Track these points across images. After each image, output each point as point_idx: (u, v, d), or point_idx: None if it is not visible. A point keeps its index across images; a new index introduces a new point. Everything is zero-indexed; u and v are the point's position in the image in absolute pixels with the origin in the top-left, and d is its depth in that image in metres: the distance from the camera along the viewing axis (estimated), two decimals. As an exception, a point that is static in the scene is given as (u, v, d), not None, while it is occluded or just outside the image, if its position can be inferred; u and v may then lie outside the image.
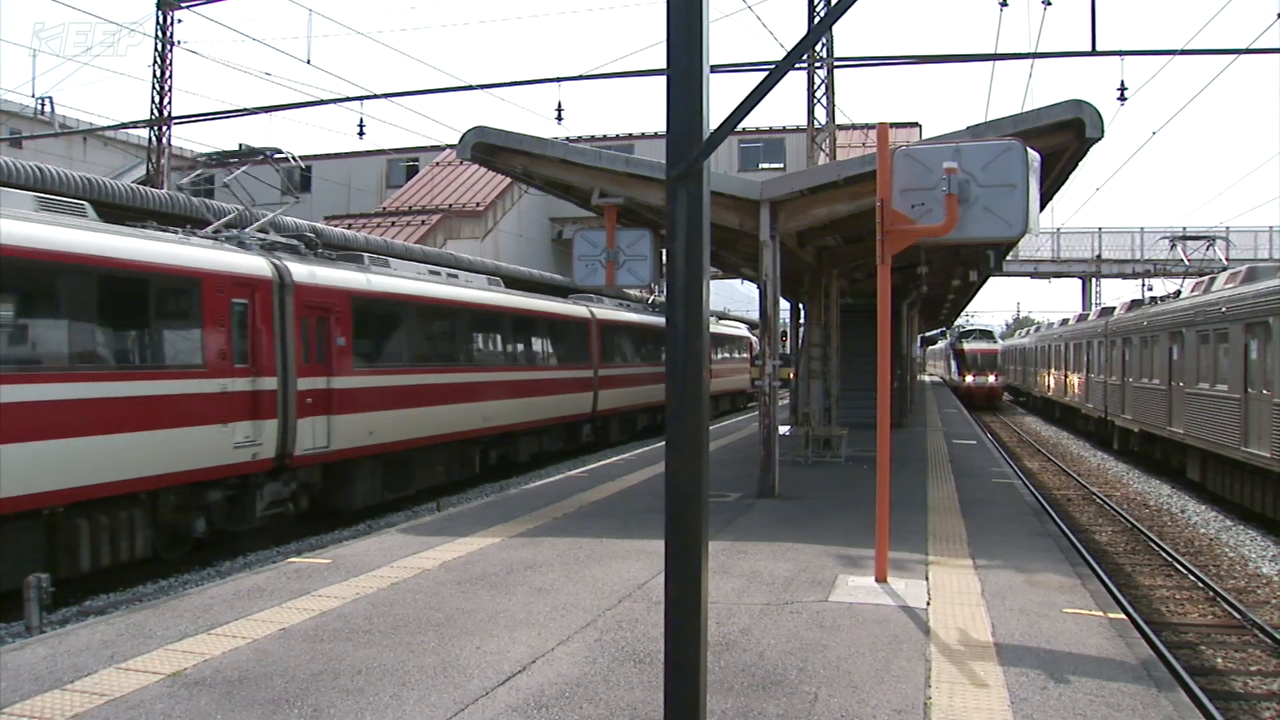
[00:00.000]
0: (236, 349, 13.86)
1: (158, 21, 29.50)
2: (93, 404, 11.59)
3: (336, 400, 15.76)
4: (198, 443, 13.03)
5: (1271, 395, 16.22)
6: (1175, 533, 17.67)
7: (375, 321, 17.47)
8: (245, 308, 14.09)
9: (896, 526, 10.26)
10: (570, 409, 25.71)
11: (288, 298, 14.87)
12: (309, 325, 15.34)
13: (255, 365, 14.14)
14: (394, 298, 17.96)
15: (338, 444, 15.78)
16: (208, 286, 13.43)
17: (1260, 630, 11.29)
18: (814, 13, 24.52)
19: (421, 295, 18.90)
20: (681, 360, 4.03)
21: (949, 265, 23.59)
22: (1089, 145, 12.56)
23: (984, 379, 54.30)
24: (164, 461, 12.53)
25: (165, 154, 30.91)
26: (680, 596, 4.06)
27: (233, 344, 13.78)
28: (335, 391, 15.78)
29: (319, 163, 49.59)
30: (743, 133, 43.24)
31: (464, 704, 6.00)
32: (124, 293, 12.40)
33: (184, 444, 12.79)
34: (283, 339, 14.72)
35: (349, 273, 16.85)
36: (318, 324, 15.57)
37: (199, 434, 13.06)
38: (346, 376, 16.11)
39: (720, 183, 14.68)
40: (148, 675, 6.51)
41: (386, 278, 18.12)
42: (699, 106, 3.96)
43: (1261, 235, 48.02)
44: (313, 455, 15.25)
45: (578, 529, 11.94)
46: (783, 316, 29.33)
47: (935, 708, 5.98)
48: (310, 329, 15.37)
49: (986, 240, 10.52)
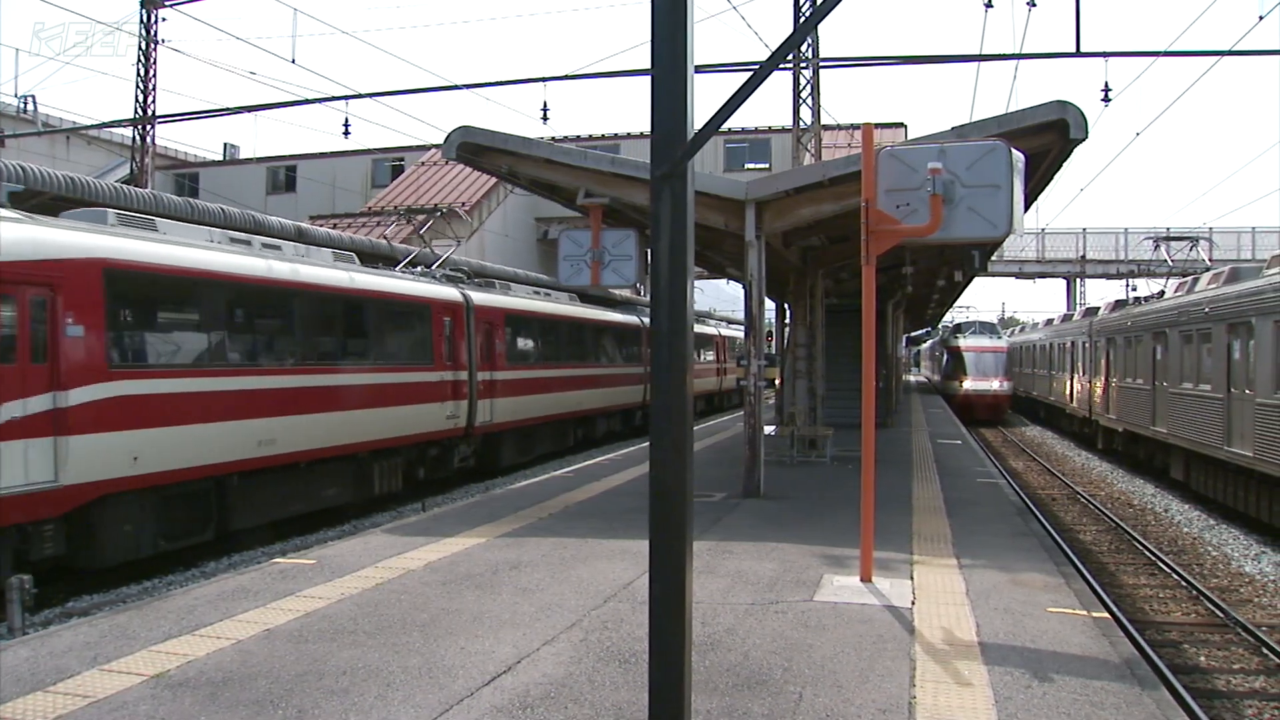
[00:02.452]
0: (447, 351, 19.50)
1: (141, 20, 29.36)
2: (389, 387, 17.44)
3: (498, 388, 21.50)
4: (429, 414, 18.79)
5: (1254, 395, 16.31)
6: (1159, 532, 17.75)
7: (517, 331, 23.28)
8: (450, 322, 19.77)
9: (881, 526, 10.27)
10: (626, 399, 31.14)
11: (470, 315, 20.53)
12: (481, 334, 20.91)
13: (456, 362, 19.80)
14: (526, 313, 23.92)
15: (497, 419, 21.44)
16: (434, 309, 19.31)
17: (1243, 629, 11.35)
18: (799, 13, 24.53)
19: (542, 311, 25.06)
20: (666, 360, 4.03)
21: (934, 265, 23.64)
22: (1073, 146, 12.60)
23: (987, 385, 43.08)
24: (413, 426, 18.21)
25: (149, 153, 30.75)
26: (664, 596, 4.06)
27: (445, 348, 19.46)
28: (497, 381, 21.50)
29: (304, 162, 49.52)
30: (728, 133, 43.26)
31: (449, 704, 5.99)
32: (401, 314, 18.59)
33: (424, 415, 18.60)
34: (469, 344, 20.31)
35: (499, 295, 22.81)
36: (486, 333, 21.18)
37: (430, 408, 18.78)
38: (503, 371, 21.85)
39: (705, 183, 14.69)
40: (131, 677, 6.49)
41: (518, 298, 23.92)
42: (683, 106, 3.97)
43: (1244, 236, 48.24)
44: (483, 427, 20.80)
45: (563, 529, 11.93)
46: (768, 316, 29.49)
47: (920, 707, 5.99)
48: (482, 337, 20.93)
49: (971, 240, 10.55)
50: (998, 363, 43.63)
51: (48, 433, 10.78)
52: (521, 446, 23.17)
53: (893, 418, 29.71)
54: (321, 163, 48.60)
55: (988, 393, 42.87)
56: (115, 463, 11.62)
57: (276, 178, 49.47)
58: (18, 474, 10.38)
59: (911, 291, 27.23)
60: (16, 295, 10.56)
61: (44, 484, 10.70)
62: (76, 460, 11.03)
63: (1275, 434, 15.45)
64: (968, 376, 43.26)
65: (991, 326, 50.01)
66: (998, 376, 43.28)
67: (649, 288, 4.27)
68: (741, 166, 43.90)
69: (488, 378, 20.96)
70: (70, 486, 11.00)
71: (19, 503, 10.42)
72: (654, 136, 3.99)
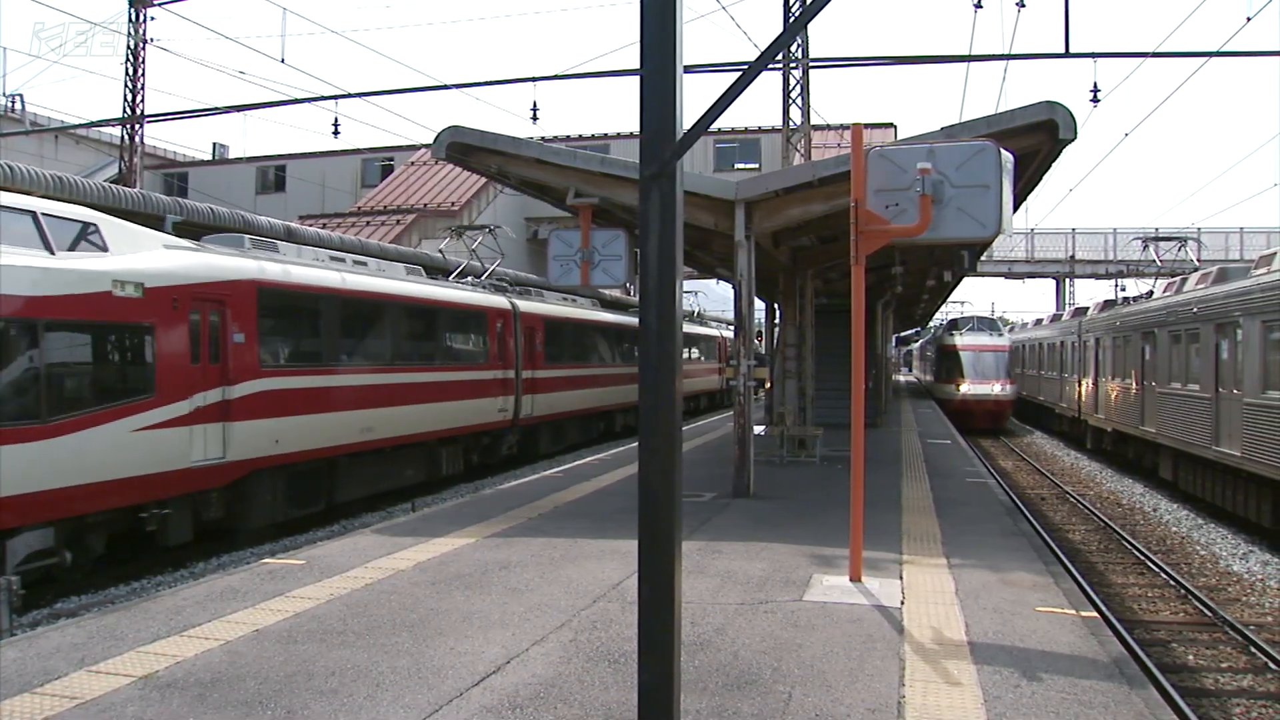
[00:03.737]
0: (499, 353, 22.37)
1: (130, 19, 29.27)
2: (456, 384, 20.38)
3: (538, 385, 24.29)
4: (486, 408, 21.76)
5: (1242, 395, 16.36)
6: (1147, 531, 17.80)
7: (553, 334, 25.74)
8: (501, 327, 22.61)
9: (871, 526, 10.29)
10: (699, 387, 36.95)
11: (517, 320, 23.39)
12: (525, 337, 23.71)
13: (505, 362, 22.62)
14: (560, 318, 26.68)
15: (537, 412, 24.29)
16: (490, 316, 22.27)
17: (1231, 628, 11.39)
18: (789, 13, 24.54)
19: (573, 316, 28.02)
20: (654, 360, 4.03)
21: (923, 265, 23.67)
22: (1062, 146, 12.61)
23: (987, 390, 37.72)
24: (474, 417, 21.16)
25: (138, 153, 30.65)
26: (653, 596, 4.06)
27: (498, 349, 22.34)
28: (537, 379, 24.32)
29: (293, 162, 49.40)
30: (718, 133, 43.29)
31: (438, 705, 5.98)
32: (465, 320, 21.49)
33: (482, 408, 21.57)
34: (515, 346, 23.10)
35: (537, 302, 25.51)
36: (528, 336, 23.92)
37: (486, 402, 21.77)
38: (542, 370, 24.63)
39: (695, 183, 14.69)
40: (119, 678, 6.46)
41: (553, 305, 26.71)
42: (672, 106, 3.96)
43: (1233, 236, 48.44)
44: (526, 419, 23.67)
45: (553, 529, 11.92)
46: (758, 316, 29.58)
47: (909, 706, 6.00)
48: (525, 339, 23.71)
49: (960, 240, 10.59)
50: (999, 363, 38.30)
51: (220, 419, 13.58)
52: (555, 437, 26.25)
53: (882, 418, 29.76)
54: (311, 162, 48.50)
55: (988, 398, 37.44)
56: (263, 444, 14.47)
57: (266, 177, 49.37)
58: (199, 451, 13.17)
59: (901, 291, 27.32)
60: (200, 310, 13.32)
61: (216, 460, 13.48)
62: (238, 441, 13.86)
63: (1263, 434, 15.51)
64: (965, 379, 38.05)
65: (991, 322, 43.49)
66: (999, 379, 37.95)
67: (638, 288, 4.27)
68: (731, 166, 43.91)
69: (530, 376, 23.89)
70: (233, 462, 13.84)
71: (202, 474, 13.27)
72: (643, 136, 3.99)
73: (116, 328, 12.13)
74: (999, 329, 42.15)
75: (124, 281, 12.06)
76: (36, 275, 10.89)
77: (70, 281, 11.32)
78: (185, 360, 13.04)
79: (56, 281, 11.15)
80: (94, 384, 11.85)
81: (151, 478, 12.36)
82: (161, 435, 12.52)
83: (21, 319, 10.75)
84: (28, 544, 10.88)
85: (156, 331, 12.53)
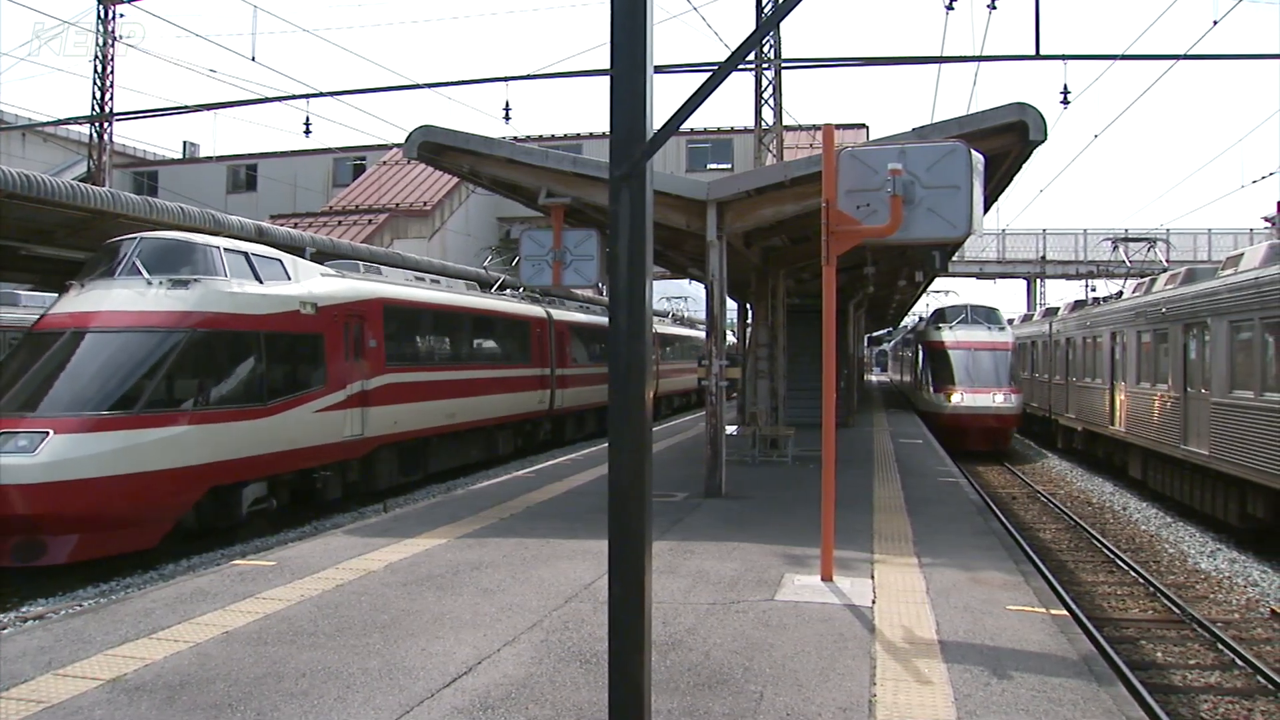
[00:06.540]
0: (539, 353, 26.74)
1: (98, 16, 29.02)
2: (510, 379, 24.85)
3: (566, 381, 28.66)
4: (531, 399, 26.14)
5: (1209, 395, 16.52)
6: (1117, 530, 17.95)
7: (576, 338, 30.46)
8: (542, 332, 27.22)
9: (842, 525, 10.31)
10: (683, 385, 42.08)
11: (551, 326, 28.01)
12: (557, 340, 28.15)
13: (543, 362, 27.04)
14: (582, 324, 31.23)
15: (566, 404, 28.77)
16: (532, 323, 26.83)
17: (1198, 625, 11.50)
18: (761, 13, 24.59)
19: (591, 322, 31.93)
20: (624, 360, 4.02)
21: (895, 266, 23.75)
22: (1032, 147, 12.68)
23: (986, 400, 29.57)
24: (521, 407, 25.60)
25: (107, 151, 30.40)
26: (624, 596, 4.05)
27: (538, 350, 26.73)
28: (567, 376, 28.77)
29: (264, 161, 49.10)
30: (690, 133, 43.37)
31: (409, 706, 5.96)
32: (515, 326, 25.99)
33: (528, 400, 26.00)
34: (551, 348, 27.55)
35: (563, 310, 30.12)
36: (559, 339, 28.43)
37: (531, 395, 26.12)
38: (570, 368, 29.13)
39: (667, 183, 14.69)
40: (87, 681, 6.40)
41: (575, 313, 31.40)
42: (642, 106, 3.96)
43: (1200, 237, 48.79)
44: (558, 409, 28.21)
45: (524, 529, 11.89)
46: (730, 316, 29.68)
47: (880, 705, 6.02)
48: (557, 342, 28.15)
49: (931, 241, 10.62)
50: (1000, 365, 30.40)
51: (360, 405, 17.42)
52: (578, 425, 30.76)
53: (854, 417, 29.80)
54: (282, 162, 48.23)
55: (987, 411, 29.63)
56: (386, 425, 18.37)
57: (237, 176, 49.06)
58: (349, 429, 17.11)
59: (873, 292, 27.36)
60: (350, 322, 17.24)
61: (357, 436, 17.38)
62: (371, 422, 17.78)
63: (1230, 433, 15.66)
64: (957, 386, 29.97)
65: (989, 312, 33.35)
66: (1001, 386, 29.82)
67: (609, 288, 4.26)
68: (704, 167, 44.01)
69: (560, 373, 28.28)
70: (369, 438, 17.74)
71: (351, 446, 17.27)
72: (613, 136, 3.98)
73: (303, 337, 16.05)
74: (999, 321, 33.08)
75: (305, 302, 16.07)
76: (257, 299, 14.98)
77: (276, 303, 15.37)
78: (342, 360, 16.88)
79: (270, 303, 15.24)
80: (292, 377, 15.77)
81: (323, 447, 16.39)
82: (330, 416, 16.49)
83: (252, 331, 14.75)
84: (253, 493, 14.98)
85: (325, 339, 16.46)
